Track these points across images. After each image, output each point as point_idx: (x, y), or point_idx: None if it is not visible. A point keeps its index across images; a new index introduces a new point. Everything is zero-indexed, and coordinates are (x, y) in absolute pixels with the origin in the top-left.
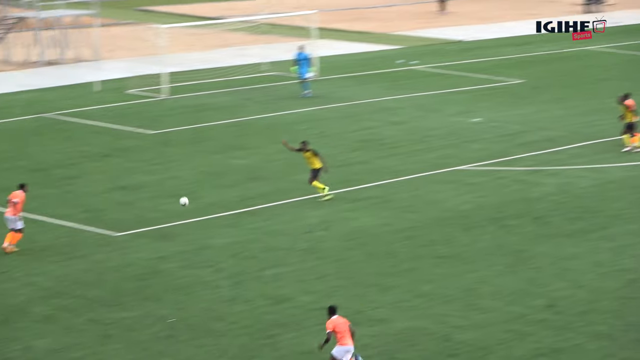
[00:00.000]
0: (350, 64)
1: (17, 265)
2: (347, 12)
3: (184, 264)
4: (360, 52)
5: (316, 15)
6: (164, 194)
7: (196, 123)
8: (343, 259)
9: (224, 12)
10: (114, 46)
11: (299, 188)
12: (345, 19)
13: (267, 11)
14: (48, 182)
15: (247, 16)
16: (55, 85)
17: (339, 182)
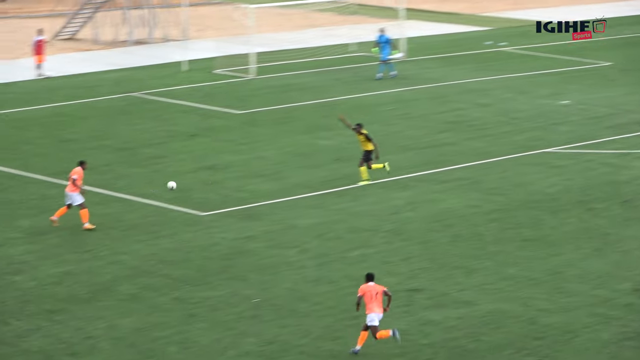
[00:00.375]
0: (438, 45)
1: (103, 243)
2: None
3: (270, 244)
4: (449, 33)
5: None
6: (250, 174)
7: (283, 103)
8: (428, 241)
9: None
10: (202, 26)
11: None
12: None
13: None
14: (135, 161)
15: None
16: (143, 64)
17: (426, 164)
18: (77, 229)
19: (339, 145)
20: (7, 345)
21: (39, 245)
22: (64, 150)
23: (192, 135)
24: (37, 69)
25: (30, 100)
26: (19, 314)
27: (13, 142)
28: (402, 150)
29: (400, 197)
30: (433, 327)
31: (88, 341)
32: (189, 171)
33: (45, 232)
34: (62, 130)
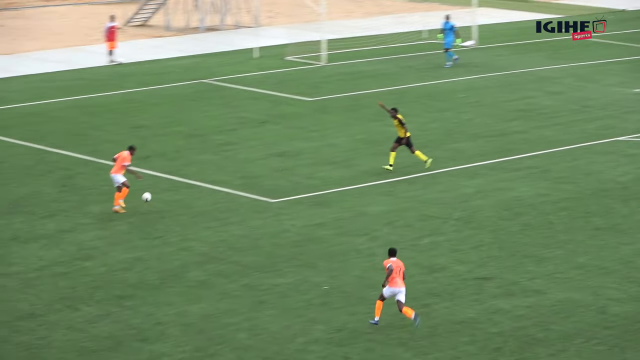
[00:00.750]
0: (510, 32)
1: (173, 230)
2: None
3: (339, 232)
4: (520, 21)
5: None
6: (321, 161)
7: (354, 90)
8: (498, 229)
9: None
10: (273, 12)
11: (454, 157)
12: None
13: None
14: (205, 148)
15: None
16: (214, 51)
17: (496, 152)
18: (147, 216)
19: (410, 132)
20: (77, 331)
21: (109, 232)
22: (135, 136)
23: (262, 122)
24: (109, 55)
25: (101, 87)
26: (89, 299)
27: (84, 129)
28: (473, 138)
29: (470, 185)
30: (502, 316)
31: (158, 327)
32: (259, 158)
33: (115, 218)
34: (132, 116)
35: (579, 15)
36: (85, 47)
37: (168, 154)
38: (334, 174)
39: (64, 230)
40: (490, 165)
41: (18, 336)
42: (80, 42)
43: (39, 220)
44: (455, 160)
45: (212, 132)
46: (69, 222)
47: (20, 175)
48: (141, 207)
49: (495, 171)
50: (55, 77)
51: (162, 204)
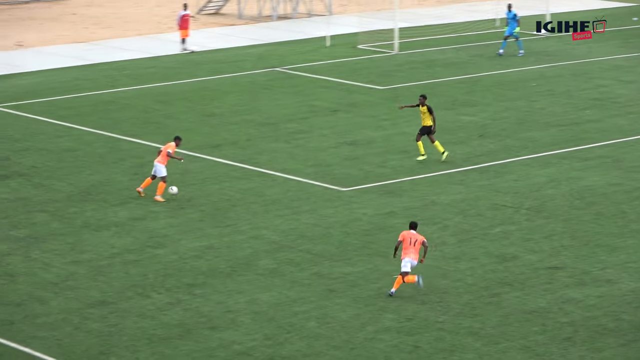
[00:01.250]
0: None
1: (244, 218)
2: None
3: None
4: (595, 9)
5: None
6: (392, 149)
7: (425, 79)
8: (571, 218)
9: None
10: (345, 1)
11: (527, 146)
12: None
13: None
14: (277, 136)
15: None
16: (287, 39)
17: (568, 141)
18: (218, 204)
19: (482, 121)
20: (148, 318)
21: (181, 219)
22: (207, 124)
23: (334, 111)
24: (182, 43)
25: (174, 75)
26: (160, 287)
27: (156, 117)
28: (545, 127)
29: (542, 174)
30: (573, 306)
31: (228, 315)
32: (331, 146)
33: (187, 206)
34: (205, 104)
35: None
36: (158, 35)
37: (240, 143)
38: (405, 162)
39: (136, 218)
40: (563, 154)
41: (89, 323)
42: (153, 31)
43: (111, 208)
44: (527, 148)
45: (284, 120)
46: (141, 210)
47: (93, 163)
48: (213, 195)
49: (568, 160)
50: (128, 65)
51: (233, 192)
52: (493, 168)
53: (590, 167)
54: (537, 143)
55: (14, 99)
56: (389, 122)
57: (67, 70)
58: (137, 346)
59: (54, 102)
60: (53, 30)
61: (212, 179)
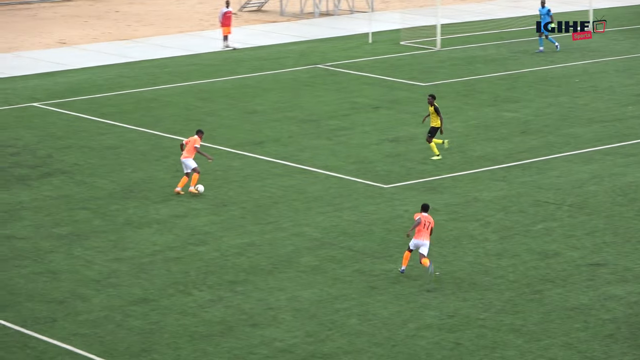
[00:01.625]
0: (627, 16)
1: (286, 215)
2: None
3: (452, 217)
4: (637, 4)
5: None
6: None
7: (467, 75)
8: (613, 215)
9: None
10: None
11: (569, 142)
12: None
13: None
14: (319, 133)
15: None
16: (328, 36)
17: (611, 137)
18: (260, 201)
19: (525, 117)
20: (190, 316)
21: (222, 217)
22: (249, 121)
23: (375, 108)
24: (224, 40)
25: (216, 72)
26: (201, 284)
27: (198, 114)
28: (588, 123)
29: (585, 171)
30: (616, 302)
31: (269, 312)
32: (373, 143)
33: (229, 203)
34: (246, 102)
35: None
36: (200, 32)
37: (282, 140)
38: (446, 159)
39: (178, 215)
40: (606, 150)
41: (131, 321)
42: (195, 28)
43: (153, 205)
44: (570, 145)
45: (326, 117)
46: (183, 208)
47: (136, 160)
48: (254, 192)
49: (611, 156)
50: (170, 63)
51: (275, 189)
52: (535, 164)
53: (633, 163)
54: (579, 139)
55: (56, 96)
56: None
57: (109, 68)
58: (178, 343)
59: (97, 99)
60: (96, 28)
61: (254, 176)
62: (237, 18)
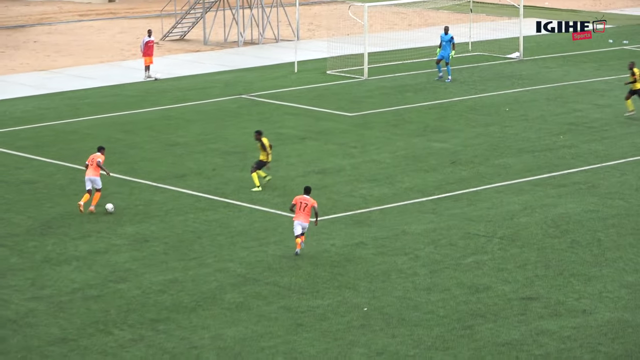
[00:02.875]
0: (558, 43)
1: (210, 250)
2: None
3: (380, 251)
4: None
5: None
6: (362, 178)
7: (396, 105)
8: (545, 247)
9: None
10: (314, 25)
11: (500, 173)
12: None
13: None
14: (244, 166)
15: None
16: (253, 65)
17: (542, 167)
18: (183, 236)
19: (454, 148)
20: (110, 356)
21: (144, 253)
22: (171, 154)
23: (302, 139)
24: (146, 70)
25: (138, 103)
26: (122, 323)
27: (119, 147)
28: (518, 152)
29: (516, 202)
30: (548, 337)
31: (192, 351)
32: (299, 175)
33: (151, 239)
34: (169, 134)
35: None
36: (121, 62)
37: (205, 172)
38: (375, 191)
39: (97, 251)
40: (537, 180)
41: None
42: (116, 58)
43: (72, 241)
44: (500, 176)
45: (251, 149)
46: (103, 243)
47: (54, 195)
48: (177, 227)
49: (542, 187)
50: (91, 94)
51: (198, 224)
52: (465, 196)
53: (565, 194)
54: (510, 170)
55: None
56: (358, 150)
57: (27, 100)
58: None
59: (14, 132)
60: (14, 59)
61: (177, 210)
62: (160, 47)
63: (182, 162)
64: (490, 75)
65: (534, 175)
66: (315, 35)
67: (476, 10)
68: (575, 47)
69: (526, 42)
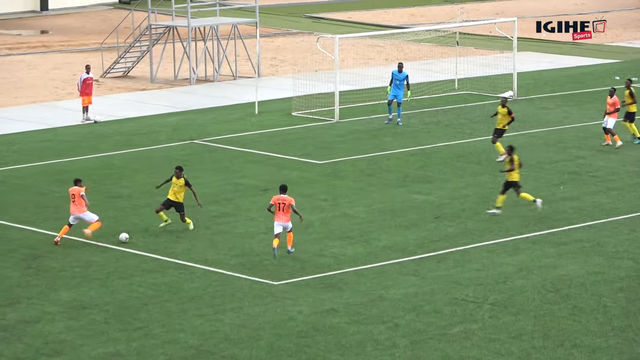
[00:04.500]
0: (558, 81)
1: (157, 319)
2: (553, 19)
3: (354, 319)
4: (570, 67)
5: (516, 23)
6: (333, 235)
7: (372, 151)
8: (543, 314)
9: (409, 20)
10: (277, 60)
11: (491, 229)
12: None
13: (459, 19)
14: (197, 221)
15: (435, 24)
16: (208, 106)
17: (540, 222)
18: (127, 302)
19: (439, 200)
20: None
21: (81, 322)
22: (113, 208)
23: (264, 190)
24: (84, 112)
25: (75, 150)
26: None
27: (53, 199)
28: (513, 205)
29: (510, 263)
30: None
31: None
32: (260, 232)
33: (89, 305)
34: (110, 184)
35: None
36: (55, 102)
37: (152, 229)
38: (348, 250)
39: (28, 320)
40: (534, 238)
41: None
42: (49, 97)
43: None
44: (492, 232)
45: (205, 202)
46: (34, 311)
47: None
48: (120, 292)
49: (540, 245)
50: (20, 139)
51: (145, 289)
52: (452, 256)
53: (566, 253)
54: (503, 225)
55: None
56: (329, 203)
57: None
58: None
59: None
60: None
61: (119, 272)
62: (100, 85)
63: (125, 217)
64: (480, 117)
65: (531, 231)
66: (278, 72)
67: (463, 42)
68: (576, 85)
69: (521, 79)
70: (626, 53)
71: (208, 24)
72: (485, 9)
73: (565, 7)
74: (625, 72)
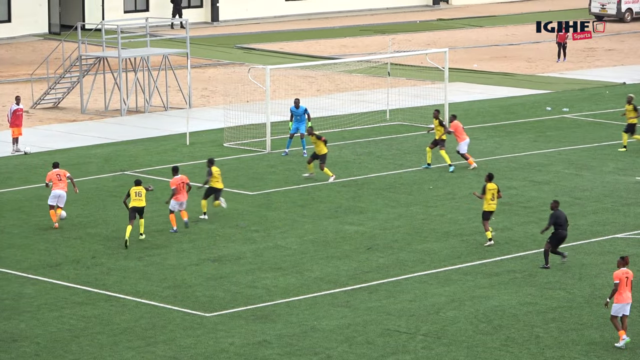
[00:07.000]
0: (489, 111)
1: (88, 352)
2: (484, 50)
3: (287, 351)
4: (501, 98)
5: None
6: (265, 266)
7: (304, 182)
8: (476, 345)
9: (340, 51)
10: (208, 91)
11: (423, 260)
12: (483, 57)
13: (391, 49)
14: (128, 253)
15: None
16: (139, 137)
17: (472, 253)
18: (57, 335)
19: (371, 231)
20: None
21: (11, 354)
22: (44, 240)
23: (195, 222)
24: (14, 143)
25: (4, 182)
26: None
27: None
28: (444, 237)
29: (442, 293)
30: None
31: None
32: (191, 264)
33: (20, 338)
34: (41, 216)
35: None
36: None
37: (83, 260)
38: (280, 281)
39: None
40: (466, 269)
41: None
42: None
43: None
44: (424, 263)
45: (135, 233)
46: None
47: None
48: (50, 325)
49: (472, 276)
50: None
51: (75, 321)
52: (384, 287)
53: (498, 283)
54: (435, 256)
55: None
56: (261, 234)
57: None
58: None
59: None
60: None
61: (50, 305)
62: (30, 116)
63: (56, 249)
64: (411, 147)
65: (463, 262)
66: (210, 102)
67: (395, 73)
68: (508, 115)
69: (452, 110)
70: (557, 83)
71: (139, 55)
72: (419, 39)
73: (497, 38)
74: (556, 103)
